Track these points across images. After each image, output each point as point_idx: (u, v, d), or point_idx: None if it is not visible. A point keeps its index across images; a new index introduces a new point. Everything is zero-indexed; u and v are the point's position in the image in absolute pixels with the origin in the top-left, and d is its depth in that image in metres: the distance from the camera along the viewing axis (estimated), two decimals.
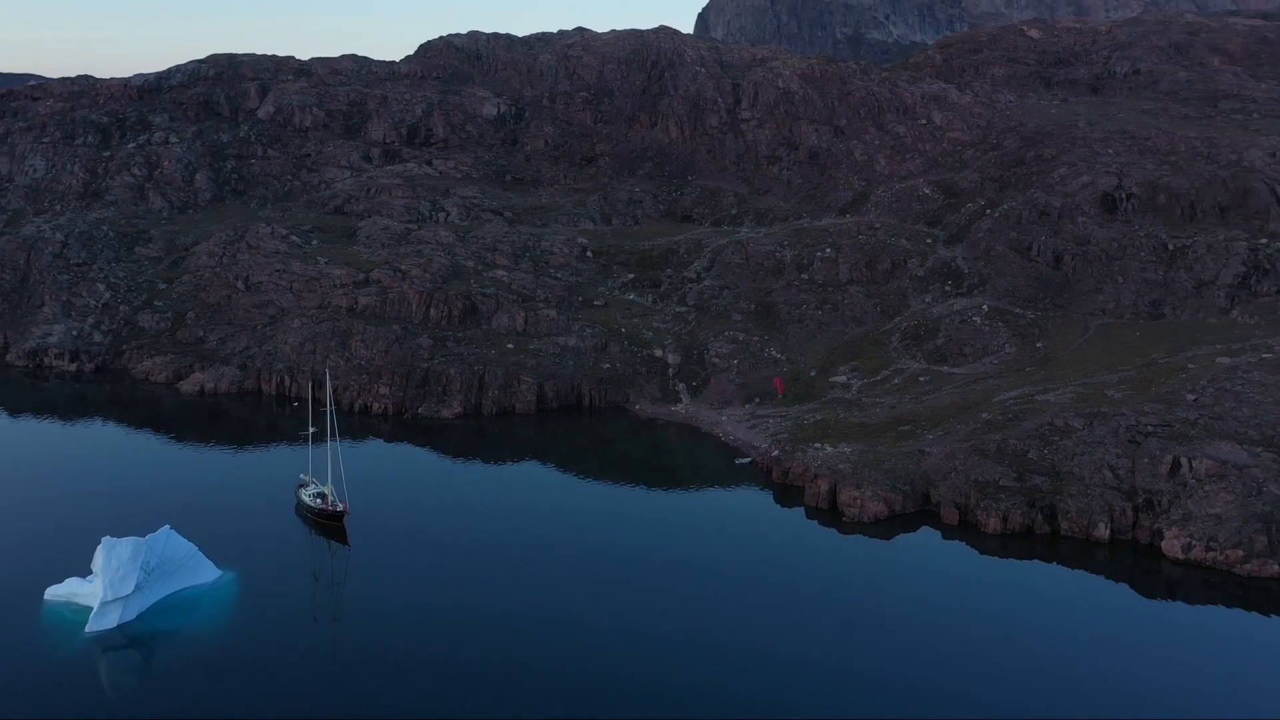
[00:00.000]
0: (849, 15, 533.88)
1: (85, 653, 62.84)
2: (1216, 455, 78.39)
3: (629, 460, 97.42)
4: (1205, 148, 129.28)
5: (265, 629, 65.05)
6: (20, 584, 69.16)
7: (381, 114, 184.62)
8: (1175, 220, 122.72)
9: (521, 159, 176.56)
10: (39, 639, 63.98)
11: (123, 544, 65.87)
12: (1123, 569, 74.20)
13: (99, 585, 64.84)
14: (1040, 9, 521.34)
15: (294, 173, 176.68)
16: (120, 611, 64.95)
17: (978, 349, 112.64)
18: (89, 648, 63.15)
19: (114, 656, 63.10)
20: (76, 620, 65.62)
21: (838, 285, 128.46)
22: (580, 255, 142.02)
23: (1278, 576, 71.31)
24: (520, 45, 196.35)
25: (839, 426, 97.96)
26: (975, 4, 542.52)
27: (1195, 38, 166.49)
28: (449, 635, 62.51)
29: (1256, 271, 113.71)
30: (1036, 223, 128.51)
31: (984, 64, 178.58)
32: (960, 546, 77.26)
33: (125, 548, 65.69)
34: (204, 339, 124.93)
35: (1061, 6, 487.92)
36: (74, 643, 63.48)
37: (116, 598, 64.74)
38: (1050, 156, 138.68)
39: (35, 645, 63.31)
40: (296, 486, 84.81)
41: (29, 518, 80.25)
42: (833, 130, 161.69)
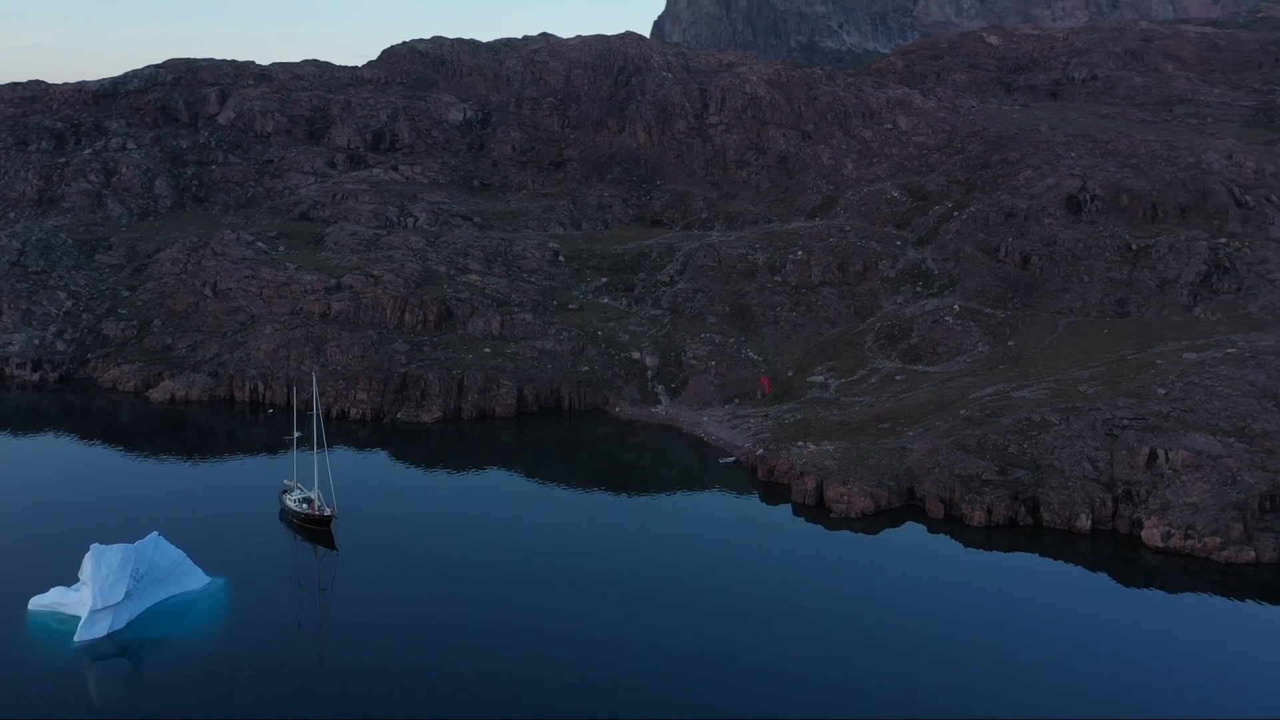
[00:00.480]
0: (803, 24, 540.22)
1: (75, 662, 61.89)
2: (1191, 446, 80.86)
3: (613, 462, 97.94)
4: (1164, 150, 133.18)
5: (258, 636, 64.48)
6: (1, 595, 67.80)
7: (345, 120, 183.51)
8: (1138, 221, 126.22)
9: (489, 164, 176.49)
10: (26, 650, 62.87)
11: (112, 551, 64.94)
12: (1105, 558, 76.26)
13: (88, 593, 63.81)
14: (990, 17, 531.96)
15: (256, 179, 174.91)
16: (110, 619, 64.02)
17: (951, 348, 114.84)
18: (79, 657, 62.20)
19: (105, 665, 62.21)
20: (63, 630, 64.55)
21: (810, 287, 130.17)
22: (552, 259, 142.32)
23: (1253, 562, 73.82)
24: (485, 51, 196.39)
25: (820, 425, 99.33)
26: (926, 13, 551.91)
27: (1149, 44, 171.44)
28: (438, 642, 62.14)
29: (1217, 270, 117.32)
30: (1003, 224, 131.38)
31: (945, 70, 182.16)
32: (948, 539, 78.89)
33: (114, 555, 64.75)
34: (172, 347, 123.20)
35: (1010, 15, 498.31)
36: (63, 652, 62.47)
37: (106, 605, 63.78)
38: (1014, 160, 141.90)
39: (23, 656, 62.20)
40: (280, 492, 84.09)
41: (7, 528, 78.76)
42: (800, 135, 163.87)
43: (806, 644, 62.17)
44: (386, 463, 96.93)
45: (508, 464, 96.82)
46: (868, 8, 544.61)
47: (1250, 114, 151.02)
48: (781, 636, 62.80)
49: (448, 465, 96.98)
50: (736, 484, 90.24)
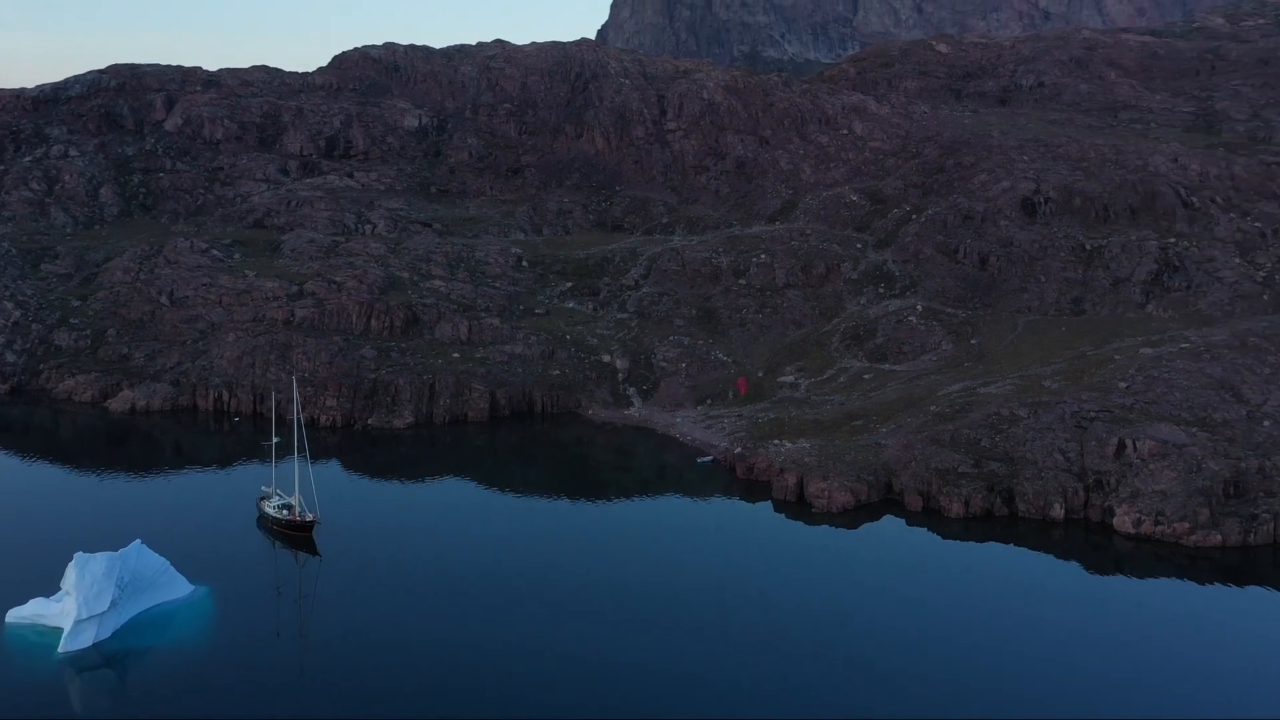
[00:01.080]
0: (745, 33, 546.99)
1: (59, 674, 60.65)
2: (1157, 436, 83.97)
3: (591, 464, 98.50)
4: (1113, 154, 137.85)
5: (246, 644, 63.57)
6: None
7: (298, 126, 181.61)
8: (1090, 222, 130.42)
9: (446, 171, 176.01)
10: (8, 663, 61.32)
11: (96, 560, 63.76)
12: (1080, 546, 78.84)
13: (72, 603, 62.52)
14: (927, 29, 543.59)
15: (206, 186, 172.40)
16: (95, 630, 62.81)
17: (916, 347, 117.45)
18: (63, 669, 60.95)
19: (90, 677, 61.04)
20: (44, 642, 63.15)
21: (775, 289, 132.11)
22: (516, 265, 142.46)
23: (1220, 546, 76.94)
24: (439, 57, 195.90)
25: (793, 424, 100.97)
26: (866, 23, 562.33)
27: (1093, 53, 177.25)
28: (424, 649, 61.33)
29: (1167, 269, 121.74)
30: (961, 226, 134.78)
31: (897, 77, 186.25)
32: (927, 531, 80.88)
33: (99, 563, 63.59)
34: (129, 356, 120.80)
35: (947, 26, 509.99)
36: (47, 664, 61.15)
37: (91, 615, 62.58)
38: (969, 164, 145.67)
39: (4, 670, 60.68)
40: (258, 499, 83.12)
41: None
42: (758, 140, 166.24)
43: (804, 640, 63.26)
44: (362, 468, 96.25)
45: (485, 468, 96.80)
46: (809, 18, 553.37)
47: (1191, 119, 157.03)
48: (776, 633, 63.72)
49: (425, 470, 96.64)
50: (716, 483, 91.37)
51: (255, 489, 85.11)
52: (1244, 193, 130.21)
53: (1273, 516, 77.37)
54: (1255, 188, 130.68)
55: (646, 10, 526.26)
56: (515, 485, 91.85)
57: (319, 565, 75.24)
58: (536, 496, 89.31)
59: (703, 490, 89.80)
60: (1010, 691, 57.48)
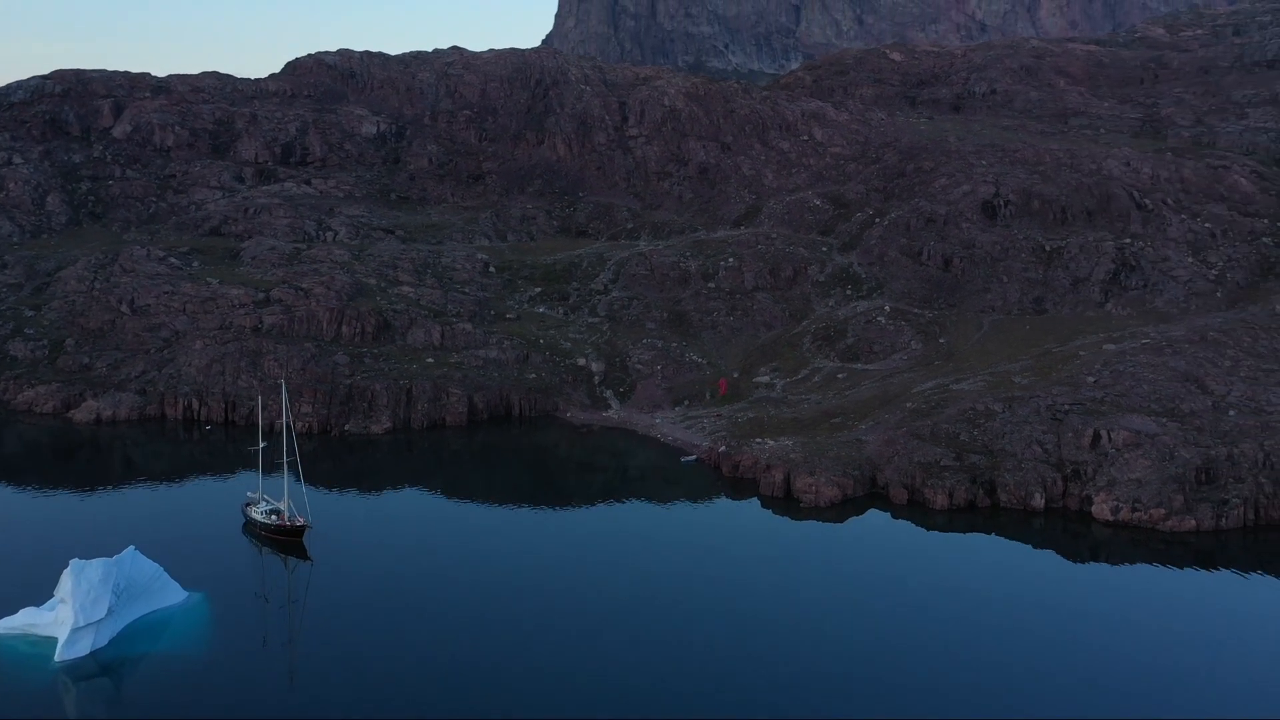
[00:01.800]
0: (690, 44, 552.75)
1: (57, 684, 59.53)
2: (1130, 426, 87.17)
3: (575, 465, 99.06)
4: (1068, 159, 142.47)
5: (245, 651, 62.82)
6: None
7: (252, 133, 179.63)
8: (1049, 224, 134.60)
9: (406, 178, 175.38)
10: (11, 675, 59.88)
11: (92, 566, 62.71)
12: (1061, 533, 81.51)
13: (69, 610, 61.36)
14: (868, 40, 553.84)
15: (159, 194, 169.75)
16: (93, 637, 61.77)
17: (886, 347, 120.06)
18: (60, 678, 59.80)
19: (89, 686, 60.00)
20: (37, 652, 61.88)
21: (744, 292, 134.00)
22: (483, 270, 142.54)
23: (1194, 530, 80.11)
24: (396, 64, 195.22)
25: (773, 422, 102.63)
26: (808, 34, 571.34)
27: (1041, 61, 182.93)
28: (421, 656, 60.73)
29: (1124, 268, 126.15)
30: (924, 229, 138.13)
31: (852, 85, 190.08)
32: (913, 523, 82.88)
33: (95, 570, 62.55)
34: (90, 366, 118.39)
35: (887, 38, 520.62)
36: (42, 675, 59.95)
37: (89, 623, 61.51)
38: (929, 168, 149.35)
39: (10, 681, 59.23)
40: (243, 505, 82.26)
41: None
42: (720, 146, 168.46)
43: (815, 634, 64.41)
44: (343, 474, 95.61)
45: (469, 472, 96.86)
46: (752, 29, 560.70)
47: (1138, 125, 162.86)
48: (785, 628, 64.53)
49: (408, 475, 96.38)
50: (702, 481, 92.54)
51: (238, 495, 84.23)
52: (1193, 195, 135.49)
53: (1243, 502, 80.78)
54: (1203, 190, 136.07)
55: (591, 20, 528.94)
56: (501, 488, 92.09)
57: (311, 570, 74.73)
58: (523, 499, 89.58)
59: (689, 488, 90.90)
60: (1007, 667, 59.43)
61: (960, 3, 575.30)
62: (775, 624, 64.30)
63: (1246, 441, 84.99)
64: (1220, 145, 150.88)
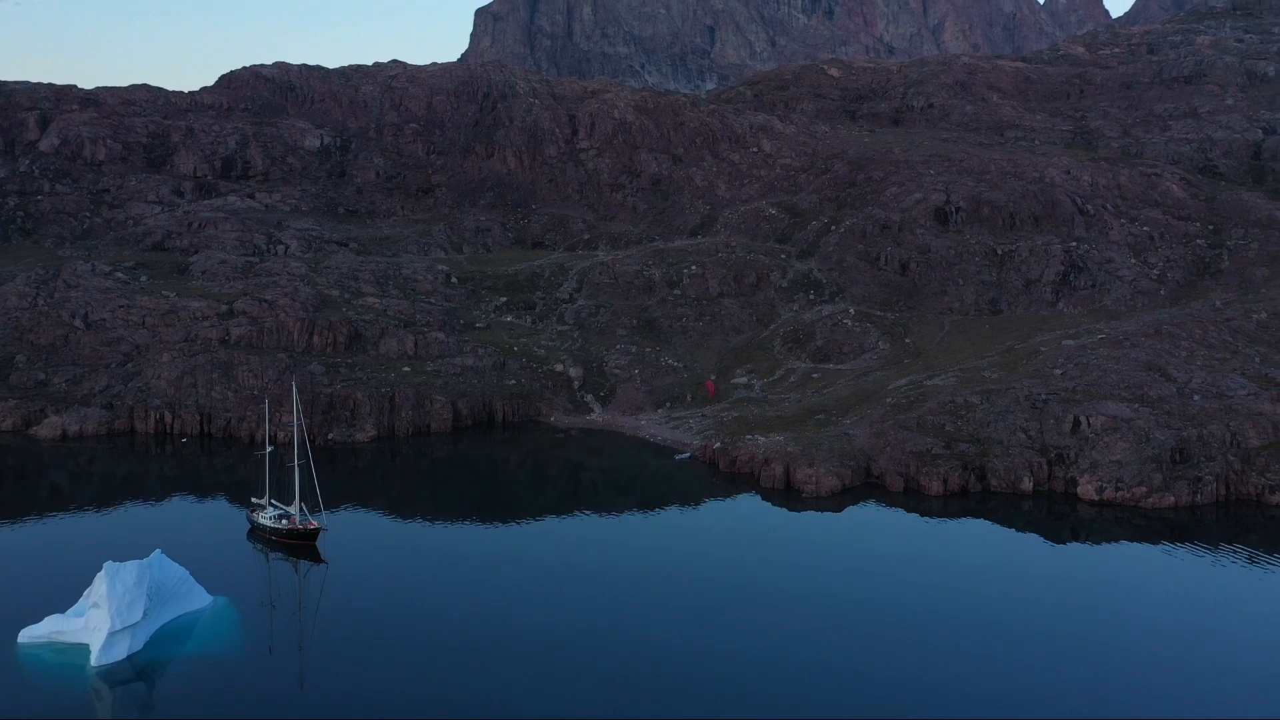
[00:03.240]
0: (606, 64, 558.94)
1: (99, 690, 58.37)
2: (1106, 412, 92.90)
3: (570, 466, 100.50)
4: (1011, 168, 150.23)
5: (276, 653, 62.43)
6: None
7: (189, 146, 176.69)
8: (998, 229, 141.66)
9: (353, 191, 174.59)
10: (35, 683, 58.60)
11: (126, 569, 61.92)
12: (1050, 513, 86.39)
13: (104, 614, 60.33)
14: (780, 60, 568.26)
15: (92, 209, 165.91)
16: (129, 641, 60.90)
17: (854, 348, 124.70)
18: (99, 684, 58.75)
19: (129, 690, 58.99)
20: (65, 661, 60.57)
21: (710, 299, 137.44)
22: (445, 281, 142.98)
23: (1173, 506, 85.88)
24: (337, 76, 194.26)
25: (759, 421, 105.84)
26: (723, 55, 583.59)
27: (974, 77, 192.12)
28: (447, 654, 60.94)
29: (1073, 270, 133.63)
30: (880, 235, 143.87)
31: (793, 99, 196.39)
32: (912, 509, 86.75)
33: (130, 572, 61.79)
34: (47, 381, 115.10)
35: (798, 58, 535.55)
36: (81, 680, 58.87)
37: (125, 626, 60.66)
38: (879, 178, 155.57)
39: (35, 689, 58.01)
40: (249, 511, 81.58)
41: None
42: (671, 158, 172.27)
43: (848, 624, 67.41)
44: (334, 481, 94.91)
45: (463, 476, 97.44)
46: (668, 49, 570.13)
47: (1070, 137, 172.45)
48: (812, 618, 66.97)
49: (400, 481, 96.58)
50: (699, 477, 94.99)
51: (236, 503, 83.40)
52: (1130, 201, 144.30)
53: (1215, 478, 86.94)
54: (1139, 196, 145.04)
55: (507, 40, 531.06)
56: (499, 491, 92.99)
57: (325, 572, 74.59)
58: (523, 500, 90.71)
59: (689, 484, 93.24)
60: (1017, 634, 63.39)
61: (869, 26, 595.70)
62: (814, 616, 66.38)
63: (1213, 423, 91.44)
64: (1148, 155, 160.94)
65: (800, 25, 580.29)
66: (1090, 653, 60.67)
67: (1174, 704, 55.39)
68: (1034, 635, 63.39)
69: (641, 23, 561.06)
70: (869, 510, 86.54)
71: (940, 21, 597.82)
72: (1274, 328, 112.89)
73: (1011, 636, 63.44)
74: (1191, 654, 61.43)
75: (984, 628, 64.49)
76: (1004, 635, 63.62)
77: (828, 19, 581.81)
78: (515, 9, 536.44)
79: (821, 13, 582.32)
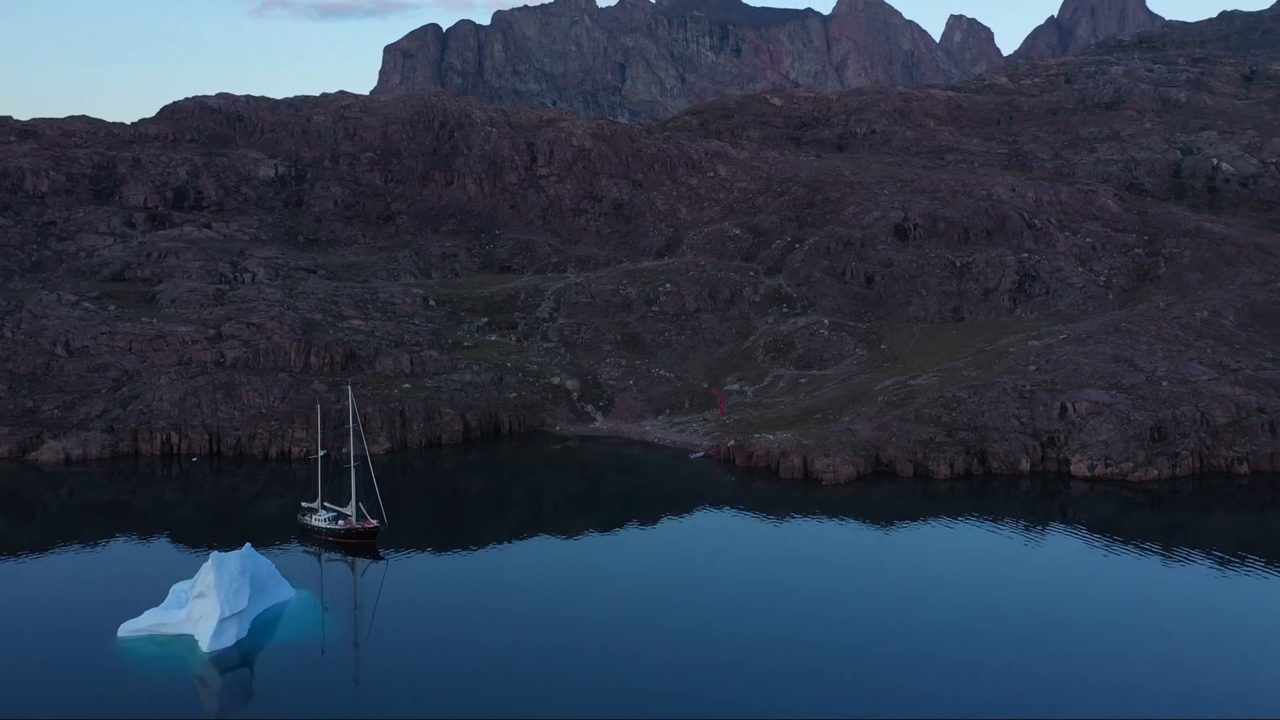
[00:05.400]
0: (518, 100, 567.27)
1: (206, 677, 61.16)
2: (1089, 399, 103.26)
3: (592, 469, 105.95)
4: (960, 187, 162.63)
5: (362, 645, 65.38)
6: (79, 634, 65.23)
7: (137, 177, 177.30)
8: (954, 243, 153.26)
9: (311, 220, 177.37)
10: (147, 673, 61.03)
11: (231, 558, 65.52)
12: (1049, 490, 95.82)
13: (213, 602, 63.62)
14: (690, 97, 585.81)
15: (40, 241, 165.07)
16: (236, 628, 64.35)
17: (834, 355, 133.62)
18: (211, 669, 61.72)
19: (238, 676, 61.96)
20: (167, 652, 63.42)
21: (688, 314, 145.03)
22: (423, 304, 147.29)
23: (1155, 479, 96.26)
24: (286, 107, 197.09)
25: (760, 421, 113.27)
26: (634, 92, 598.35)
27: (910, 104, 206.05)
28: (506, 649, 62.83)
29: (1027, 279, 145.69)
30: (844, 251, 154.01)
31: (739, 127, 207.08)
32: (924, 491, 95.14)
33: (234, 562, 65.40)
34: (36, 409, 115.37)
35: (708, 94, 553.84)
36: (191, 669, 61.82)
37: (234, 613, 64.15)
38: (836, 199, 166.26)
39: (149, 679, 60.56)
40: (299, 515, 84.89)
41: (49, 583, 74.67)
42: (631, 184, 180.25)
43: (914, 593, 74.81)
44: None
45: (483, 485, 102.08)
46: (579, 86, 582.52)
47: (1006, 159, 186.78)
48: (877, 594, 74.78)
49: (429, 488, 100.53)
50: (718, 473, 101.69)
51: (275, 510, 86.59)
52: (1071, 215, 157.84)
53: (1190, 453, 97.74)
54: (1079, 211, 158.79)
55: (417, 76, 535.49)
56: (533, 493, 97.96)
57: (384, 570, 78.39)
58: (560, 501, 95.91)
59: (711, 480, 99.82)
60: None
61: (775, 64, 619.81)
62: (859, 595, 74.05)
63: (1184, 405, 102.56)
64: (1079, 175, 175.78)
65: (709, 63, 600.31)
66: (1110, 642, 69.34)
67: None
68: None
69: (553, 60, 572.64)
70: (886, 492, 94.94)
71: (843, 59, 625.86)
72: (1216, 324, 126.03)
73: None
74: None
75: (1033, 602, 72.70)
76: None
77: (736, 56, 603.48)
78: (425, 46, 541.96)
79: (730, 50, 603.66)
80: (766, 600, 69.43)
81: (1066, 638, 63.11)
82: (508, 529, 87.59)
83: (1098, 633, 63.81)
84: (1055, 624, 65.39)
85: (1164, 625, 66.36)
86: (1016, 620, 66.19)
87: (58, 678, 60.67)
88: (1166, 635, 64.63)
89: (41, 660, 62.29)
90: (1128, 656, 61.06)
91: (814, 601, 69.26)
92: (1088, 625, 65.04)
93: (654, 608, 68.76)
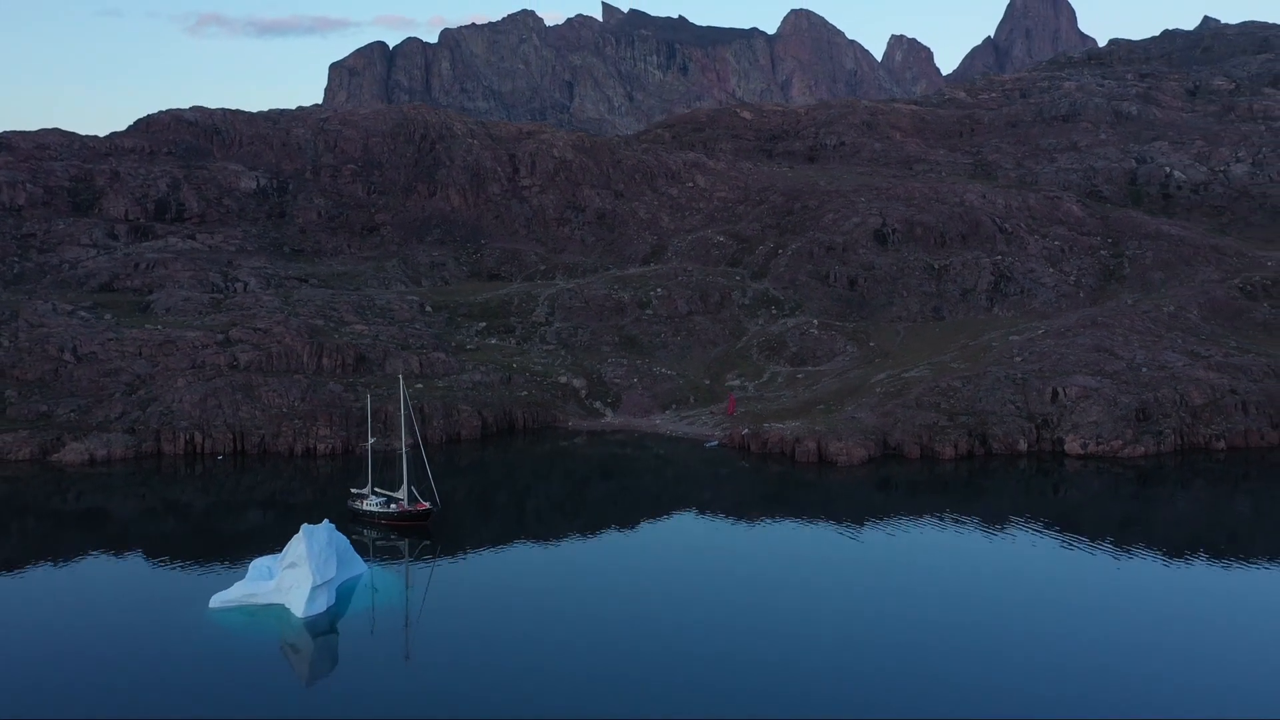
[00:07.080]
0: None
1: (298, 644, 65.35)
2: (1078, 384, 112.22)
3: (613, 459, 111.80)
4: (934, 194, 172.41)
5: (435, 613, 70.29)
6: (172, 606, 69.52)
7: (117, 189, 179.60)
8: (931, 247, 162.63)
9: (296, 231, 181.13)
10: (250, 641, 64.96)
11: (319, 530, 70.28)
12: (1045, 467, 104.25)
13: (305, 571, 68.25)
14: (638, 116, 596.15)
15: (21, 253, 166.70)
16: (327, 595, 69.12)
17: (826, 352, 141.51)
18: (312, 634, 66.19)
19: (329, 642, 66.19)
20: (261, 621, 67.80)
21: (681, 317, 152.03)
22: (420, 310, 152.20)
23: (1143, 455, 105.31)
24: (264, 120, 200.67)
25: (767, 413, 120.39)
26: (582, 110, 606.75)
27: (876, 118, 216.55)
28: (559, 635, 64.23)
29: (1002, 279, 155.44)
30: (826, 256, 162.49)
31: (711, 139, 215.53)
32: (932, 470, 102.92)
33: (323, 533, 70.21)
34: (50, 412, 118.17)
35: (655, 113, 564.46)
36: (290, 633, 66.27)
37: (324, 581, 68.94)
38: (814, 206, 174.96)
39: (254, 645, 64.65)
40: (350, 501, 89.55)
41: (135, 564, 78.72)
42: (613, 194, 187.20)
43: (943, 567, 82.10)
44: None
45: (511, 476, 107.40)
46: (527, 104, 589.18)
47: (971, 169, 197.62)
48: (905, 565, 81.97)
49: (457, 482, 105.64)
50: (736, 460, 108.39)
51: (319, 500, 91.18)
52: (1039, 220, 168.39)
53: (1172, 432, 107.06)
54: (1046, 216, 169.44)
55: (364, 94, 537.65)
56: (565, 482, 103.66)
57: (438, 550, 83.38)
58: (583, 494, 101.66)
59: (729, 467, 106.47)
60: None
61: (721, 82, 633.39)
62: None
63: (1164, 388, 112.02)
64: (1043, 183, 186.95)
65: (656, 81, 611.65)
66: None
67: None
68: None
69: (500, 78, 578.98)
70: (898, 473, 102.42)
71: (788, 78, 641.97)
72: (1182, 317, 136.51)
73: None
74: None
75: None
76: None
77: (683, 75, 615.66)
78: (372, 64, 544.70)
79: (676, 69, 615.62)
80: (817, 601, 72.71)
81: (1065, 633, 62.97)
82: (553, 508, 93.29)
83: (1098, 622, 65.43)
84: (1054, 619, 65.56)
85: (1139, 614, 74.41)
86: (1016, 620, 67.40)
87: (158, 647, 64.88)
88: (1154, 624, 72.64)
89: (143, 631, 66.40)
90: (1126, 646, 64.59)
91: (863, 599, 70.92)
92: (1080, 614, 70.35)
93: (711, 588, 73.00)
